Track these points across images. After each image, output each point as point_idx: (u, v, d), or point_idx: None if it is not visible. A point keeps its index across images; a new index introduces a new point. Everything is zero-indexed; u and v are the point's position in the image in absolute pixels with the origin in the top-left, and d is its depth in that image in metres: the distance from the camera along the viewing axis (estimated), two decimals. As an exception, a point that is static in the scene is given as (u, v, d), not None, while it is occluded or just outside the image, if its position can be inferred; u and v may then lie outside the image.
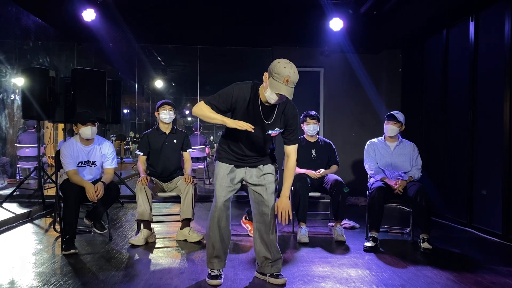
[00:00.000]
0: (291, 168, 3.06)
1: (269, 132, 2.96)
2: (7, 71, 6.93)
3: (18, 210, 5.34)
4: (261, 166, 3.10)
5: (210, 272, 3.11)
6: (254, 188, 3.11)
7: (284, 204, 2.94)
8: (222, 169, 3.07)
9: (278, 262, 3.14)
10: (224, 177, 3.05)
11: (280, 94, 2.70)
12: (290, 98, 2.73)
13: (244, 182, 3.16)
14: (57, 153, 4.21)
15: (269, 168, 3.12)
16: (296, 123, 3.02)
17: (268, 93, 2.75)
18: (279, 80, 2.66)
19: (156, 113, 4.56)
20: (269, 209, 3.06)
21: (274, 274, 3.11)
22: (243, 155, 3.06)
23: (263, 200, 3.07)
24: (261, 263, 3.15)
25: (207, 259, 3.14)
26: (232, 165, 3.08)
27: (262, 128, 2.95)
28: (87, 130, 4.04)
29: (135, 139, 12.83)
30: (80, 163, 4.08)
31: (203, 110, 2.88)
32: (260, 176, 3.09)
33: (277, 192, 3.12)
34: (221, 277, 3.10)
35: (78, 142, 4.12)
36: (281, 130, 3.00)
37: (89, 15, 5.86)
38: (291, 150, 3.05)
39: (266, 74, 2.76)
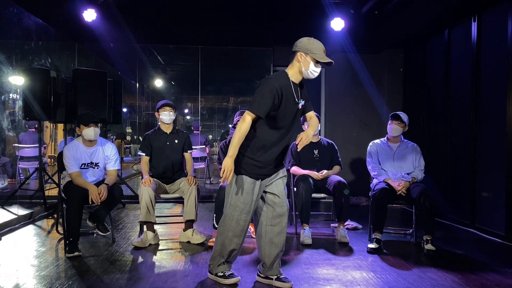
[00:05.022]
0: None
1: (300, 105, 3.02)
2: (8, 72, 6.91)
3: (20, 211, 5.33)
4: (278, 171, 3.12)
5: (223, 274, 3.12)
6: (269, 189, 3.07)
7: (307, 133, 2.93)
8: (250, 184, 2.97)
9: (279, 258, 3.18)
10: (250, 192, 2.97)
11: (320, 67, 2.94)
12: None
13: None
14: (60, 154, 4.19)
15: (283, 172, 3.15)
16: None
17: (312, 68, 2.92)
18: (321, 52, 2.92)
19: (156, 113, 4.56)
20: (283, 210, 3.07)
21: (280, 277, 3.11)
22: (273, 159, 2.99)
23: (280, 201, 3.06)
24: (268, 265, 3.12)
25: (216, 263, 3.13)
26: (259, 180, 3.00)
27: (295, 109, 2.99)
28: (90, 131, 4.03)
29: (130, 134, 12.82)
30: (83, 165, 4.07)
31: (242, 132, 2.85)
32: (274, 178, 3.08)
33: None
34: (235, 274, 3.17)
35: (81, 143, 4.11)
36: (303, 102, 3.06)
37: (90, 15, 5.85)
38: (312, 113, 3.23)
39: (300, 53, 2.93)
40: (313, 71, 2.93)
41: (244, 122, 2.85)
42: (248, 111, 2.86)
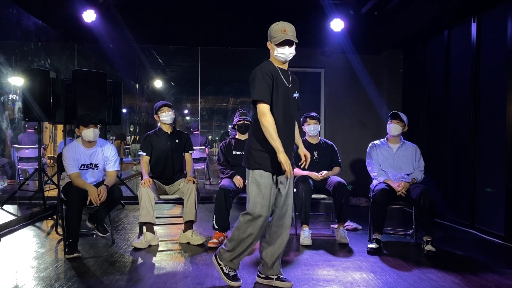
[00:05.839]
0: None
1: (294, 95, 3.08)
2: (7, 73, 6.91)
3: (19, 212, 5.33)
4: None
5: (228, 272, 3.10)
6: (280, 189, 3.08)
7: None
8: (267, 178, 2.97)
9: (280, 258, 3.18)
10: (268, 186, 2.97)
11: (288, 45, 2.91)
12: (295, 40, 2.93)
13: None
14: (59, 155, 4.19)
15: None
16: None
17: (278, 51, 2.95)
18: (279, 34, 2.91)
19: (156, 116, 4.55)
20: (288, 212, 3.08)
21: (280, 277, 3.11)
22: (287, 152, 2.97)
23: (287, 204, 3.08)
24: (269, 265, 3.11)
25: (228, 256, 3.08)
26: (275, 175, 3.00)
27: (289, 94, 3.03)
28: (90, 132, 4.03)
29: (133, 136, 12.82)
30: (83, 166, 4.07)
31: (270, 124, 2.85)
32: (288, 182, 3.08)
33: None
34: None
35: (80, 144, 4.11)
36: (298, 94, 3.11)
37: (89, 16, 5.84)
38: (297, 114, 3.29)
39: (268, 42, 3.01)
40: (280, 54, 2.96)
41: (265, 114, 2.86)
42: (258, 103, 2.88)
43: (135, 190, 6.97)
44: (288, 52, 2.96)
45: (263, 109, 2.88)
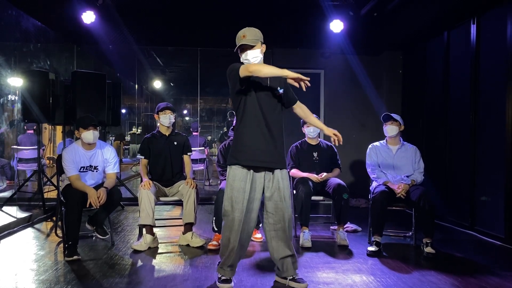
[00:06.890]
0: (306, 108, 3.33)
1: (279, 91, 3.07)
2: (7, 74, 6.90)
3: (19, 214, 5.32)
4: (278, 172, 3.05)
5: (220, 276, 3.10)
6: (268, 196, 3.05)
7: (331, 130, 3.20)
8: (240, 181, 2.94)
9: (295, 259, 3.15)
10: (241, 190, 2.94)
11: (248, 49, 2.96)
12: (252, 44, 2.95)
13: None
14: (59, 157, 4.19)
15: (285, 174, 3.10)
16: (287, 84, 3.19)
17: (242, 58, 3.02)
18: (239, 41, 2.98)
19: (156, 116, 4.56)
20: (285, 216, 3.04)
21: (295, 278, 3.11)
22: (264, 147, 2.96)
23: (281, 208, 3.03)
24: (282, 266, 3.11)
25: (220, 266, 3.10)
26: (251, 170, 2.96)
27: (268, 92, 3.04)
28: (89, 135, 4.02)
29: (137, 132, 12.84)
30: (82, 168, 4.06)
31: (256, 64, 2.90)
32: (276, 186, 3.04)
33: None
34: (232, 281, 3.11)
35: (80, 147, 4.10)
36: (282, 90, 3.10)
37: (88, 17, 5.83)
38: (298, 103, 3.31)
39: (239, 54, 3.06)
40: (244, 59, 3.01)
41: (247, 66, 2.87)
42: (246, 66, 2.88)
43: (134, 192, 6.96)
44: (251, 57, 2.98)
45: (244, 66, 2.88)
